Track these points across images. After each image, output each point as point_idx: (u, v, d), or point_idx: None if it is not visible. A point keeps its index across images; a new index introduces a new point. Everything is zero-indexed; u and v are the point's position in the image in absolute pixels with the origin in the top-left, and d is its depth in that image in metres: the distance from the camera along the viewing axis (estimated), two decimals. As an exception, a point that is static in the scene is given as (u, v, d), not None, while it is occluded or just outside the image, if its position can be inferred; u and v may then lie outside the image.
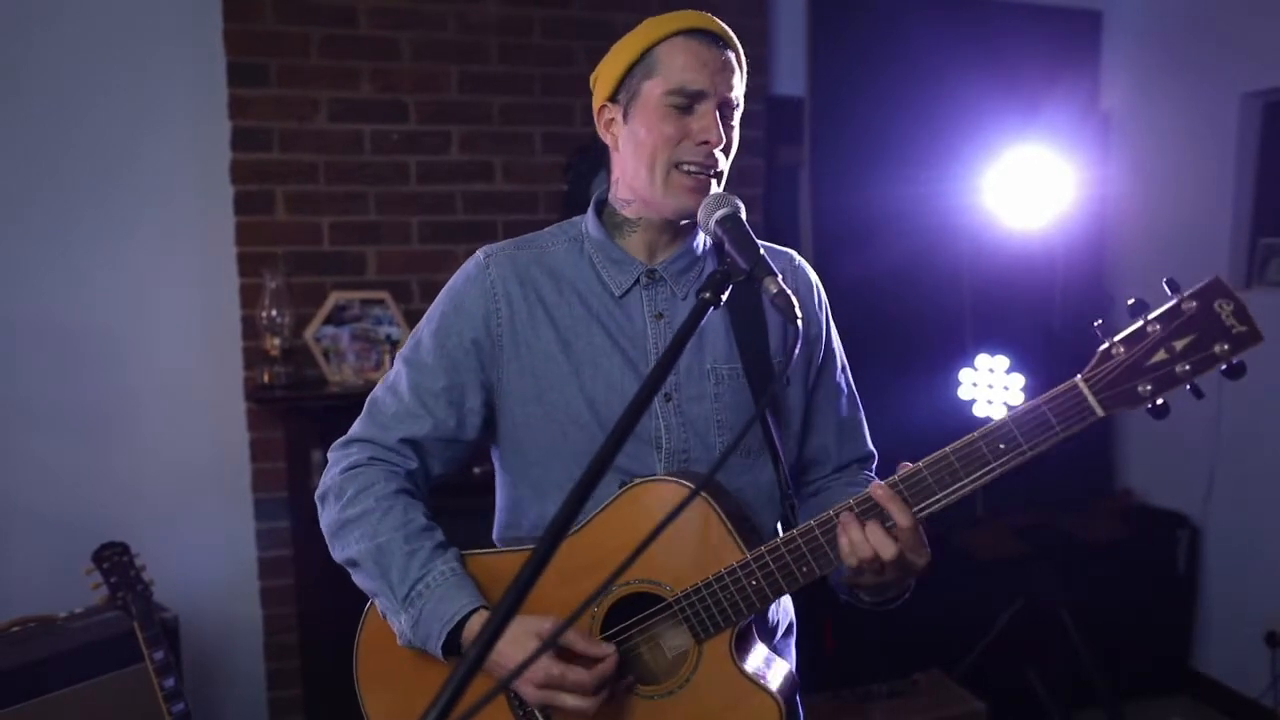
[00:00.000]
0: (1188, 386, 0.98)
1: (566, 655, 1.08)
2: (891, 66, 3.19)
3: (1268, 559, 3.04)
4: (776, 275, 1.00)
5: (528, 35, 2.89)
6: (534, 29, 2.90)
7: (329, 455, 1.25)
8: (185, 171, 2.71)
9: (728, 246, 1.05)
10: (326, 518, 1.21)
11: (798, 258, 1.32)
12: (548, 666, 1.06)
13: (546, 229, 1.30)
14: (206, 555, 2.75)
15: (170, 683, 1.85)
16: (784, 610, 1.32)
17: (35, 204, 2.61)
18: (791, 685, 1.19)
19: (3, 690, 1.95)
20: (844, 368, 1.35)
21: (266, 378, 2.62)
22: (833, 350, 1.32)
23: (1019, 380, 2.81)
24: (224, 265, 2.71)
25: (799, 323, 0.96)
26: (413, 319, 2.78)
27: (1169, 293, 0.97)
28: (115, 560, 1.85)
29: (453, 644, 1.12)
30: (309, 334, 2.71)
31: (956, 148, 3.06)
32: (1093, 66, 3.53)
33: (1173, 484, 3.35)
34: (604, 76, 1.21)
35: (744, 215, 1.09)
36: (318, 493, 1.24)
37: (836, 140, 3.21)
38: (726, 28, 1.18)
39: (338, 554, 1.20)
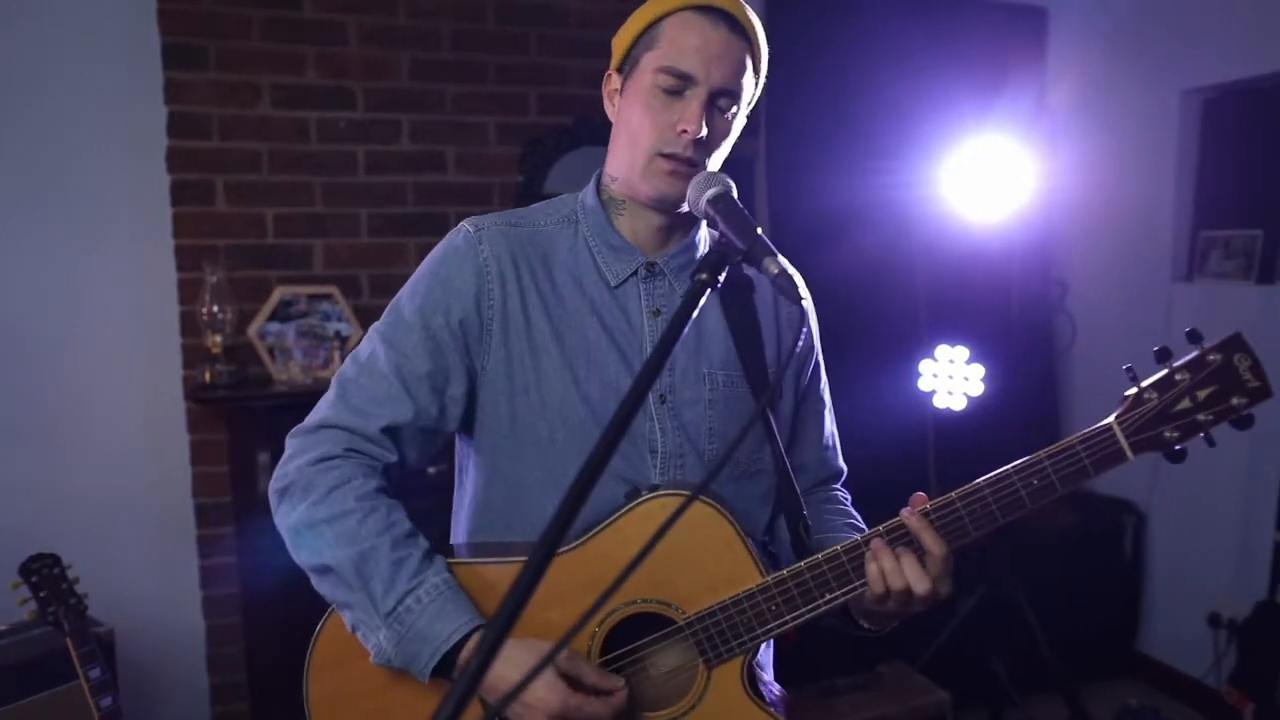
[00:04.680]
0: (1203, 435, 1.01)
1: (576, 687, 1.00)
2: (846, 58, 3.19)
3: (1209, 543, 3.13)
4: (776, 255, 0.95)
5: (481, 21, 2.81)
6: (488, 15, 2.82)
7: (289, 442, 1.11)
8: (118, 160, 2.55)
9: (721, 226, 0.99)
10: (291, 515, 1.06)
11: (789, 265, 1.28)
12: (566, 697, 0.98)
13: (536, 205, 1.21)
14: (144, 565, 2.60)
15: (108, 702, 1.74)
16: None
17: (-49, 193, 2.44)
18: (789, 707, 1.16)
19: (-78, 716, 1.81)
20: (826, 381, 1.31)
21: (208, 377, 2.50)
22: (818, 364, 1.28)
23: (979, 370, 2.83)
24: (161, 259, 2.57)
25: (804, 303, 0.92)
26: (363, 314, 2.69)
27: (1188, 342, 1.01)
28: (45, 573, 1.74)
29: (445, 666, 1.00)
30: (253, 331, 2.59)
31: (911, 140, 3.07)
32: (1040, 63, 3.60)
33: (1121, 472, 3.40)
34: (618, 43, 1.15)
35: (735, 194, 1.03)
36: (276, 485, 1.08)
37: (791, 132, 3.20)
38: (749, 12, 1.10)
39: (304, 558, 1.06)
